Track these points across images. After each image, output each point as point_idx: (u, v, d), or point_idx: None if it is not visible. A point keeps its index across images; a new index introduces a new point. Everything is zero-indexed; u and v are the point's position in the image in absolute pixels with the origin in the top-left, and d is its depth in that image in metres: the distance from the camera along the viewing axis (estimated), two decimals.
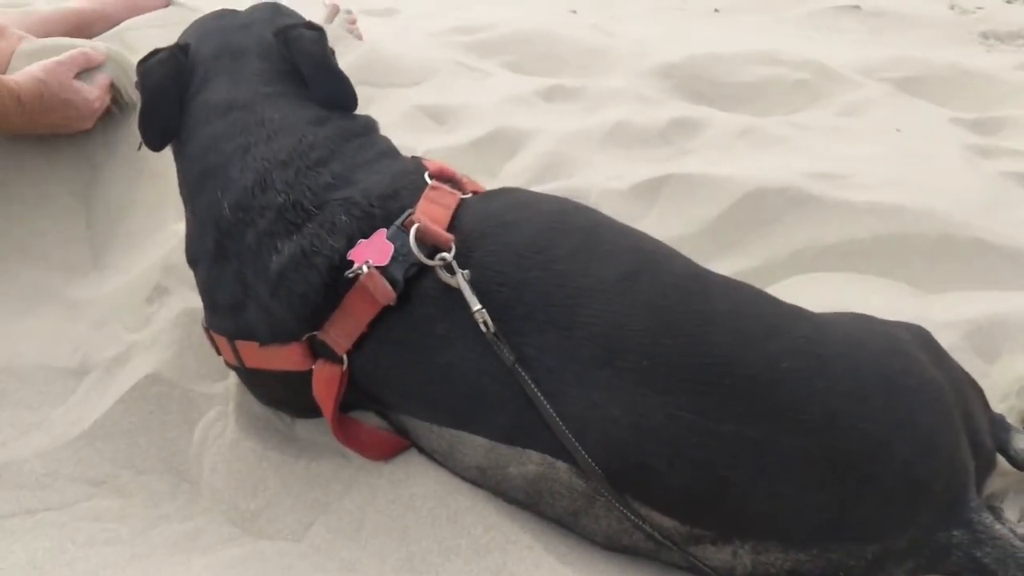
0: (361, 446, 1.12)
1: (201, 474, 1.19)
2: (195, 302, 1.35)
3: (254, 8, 1.36)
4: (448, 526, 1.03)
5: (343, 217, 1.05)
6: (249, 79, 1.20)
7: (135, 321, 1.41)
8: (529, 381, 0.94)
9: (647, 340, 0.94)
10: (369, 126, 1.23)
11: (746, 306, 1.01)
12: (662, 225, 1.68)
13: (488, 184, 1.89)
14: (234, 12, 1.34)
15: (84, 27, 2.36)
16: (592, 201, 1.73)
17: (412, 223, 1.03)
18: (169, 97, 1.22)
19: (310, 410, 1.13)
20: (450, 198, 1.10)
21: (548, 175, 1.88)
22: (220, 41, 1.26)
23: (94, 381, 1.32)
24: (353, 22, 2.57)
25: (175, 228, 1.54)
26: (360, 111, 2.18)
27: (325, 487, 1.13)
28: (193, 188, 1.17)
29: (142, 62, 1.23)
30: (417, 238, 1.02)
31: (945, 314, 1.44)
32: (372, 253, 1.02)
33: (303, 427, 1.21)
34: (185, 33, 1.33)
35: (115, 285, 1.50)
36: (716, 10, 4.10)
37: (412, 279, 1.02)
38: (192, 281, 1.34)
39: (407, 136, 2.04)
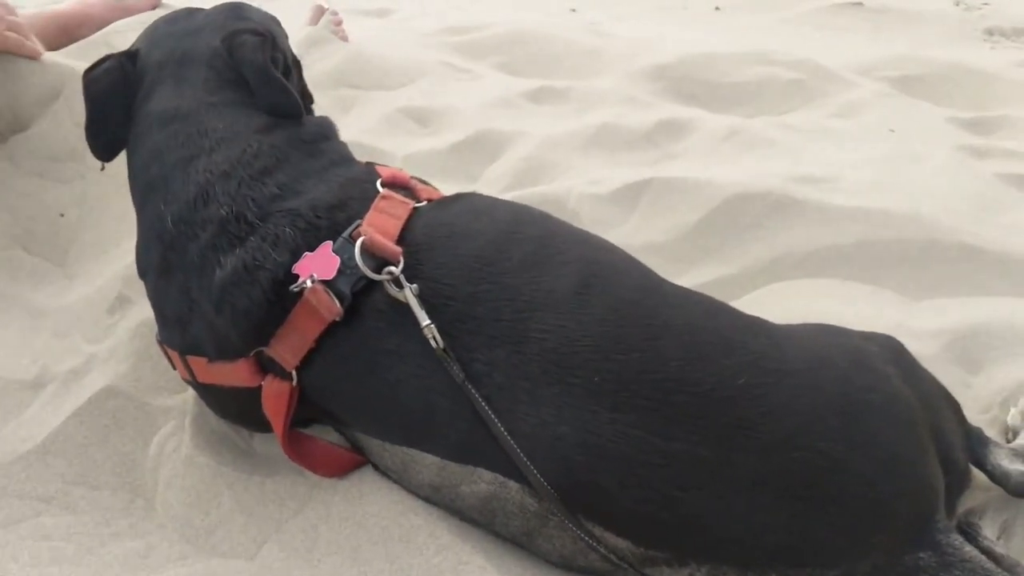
0: (313, 463, 1.09)
1: (156, 490, 1.16)
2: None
3: (212, 10, 1.31)
4: (401, 546, 1.01)
5: (287, 229, 1.02)
6: (194, 87, 1.17)
7: (95, 332, 1.38)
8: (479, 399, 0.91)
9: (597, 356, 0.91)
10: (323, 132, 1.19)
11: (701, 319, 0.98)
12: (641, 231, 1.65)
13: (467, 189, 1.88)
14: (190, 15, 1.30)
15: (70, 29, 2.35)
16: (570, 207, 1.70)
17: (359, 235, 1.00)
18: (115, 107, 1.19)
19: (267, 424, 1.11)
20: (401, 208, 1.07)
21: (528, 179, 1.85)
22: (168, 48, 1.22)
23: (50, 395, 1.29)
24: (339, 23, 2.55)
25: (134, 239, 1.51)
26: (343, 114, 2.17)
27: (280, 504, 1.10)
28: (140, 200, 1.14)
29: (88, 71, 1.20)
30: (363, 251, 0.99)
31: (928, 322, 1.40)
32: (317, 267, 0.99)
33: (261, 441, 1.19)
34: (139, 38, 1.29)
35: (79, 294, 1.48)
36: (717, 8, 4.06)
37: (360, 293, 0.99)
38: None
39: (388, 140, 2.02)
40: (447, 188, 1.82)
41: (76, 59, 2.08)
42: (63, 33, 2.33)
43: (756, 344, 0.95)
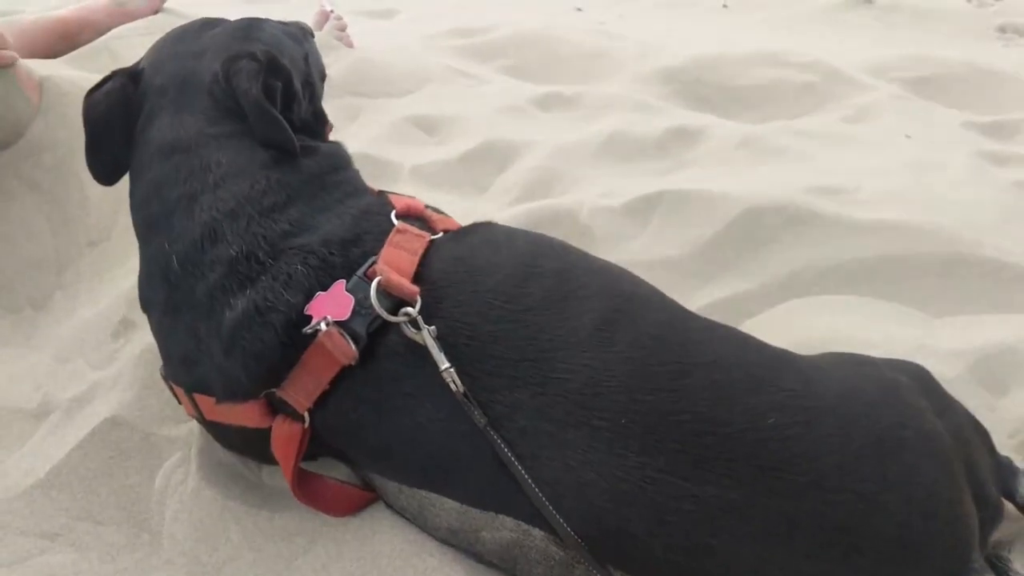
0: (325, 504, 1.06)
1: (162, 524, 1.13)
2: None
3: (224, 27, 1.24)
4: None
5: (299, 268, 0.98)
6: (195, 116, 1.11)
7: (99, 357, 1.35)
8: (501, 444, 0.88)
9: (623, 396, 0.88)
10: (335, 163, 1.14)
11: (728, 355, 0.94)
12: (656, 246, 1.61)
13: (477, 201, 1.85)
14: (201, 31, 1.23)
15: (70, 36, 2.32)
16: (583, 220, 1.66)
17: (375, 274, 0.97)
18: (115, 131, 1.14)
19: (276, 459, 1.08)
20: (417, 242, 1.03)
21: (539, 191, 1.81)
22: (172, 70, 1.16)
23: (53, 425, 1.26)
24: (343, 28, 2.51)
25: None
26: (349, 122, 2.14)
27: (289, 541, 1.07)
28: (142, 234, 1.10)
29: (90, 92, 1.16)
30: (379, 291, 0.95)
31: (951, 341, 1.37)
32: (331, 307, 0.96)
33: (270, 474, 1.16)
34: (147, 54, 1.23)
35: (82, 317, 1.45)
36: (725, 5, 4.02)
37: (377, 333, 0.96)
38: None
39: (396, 149, 1.99)
40: (457, 199, 1.81)
41: (76, 66, 2.05)
42: (64, 39, 2.30)
43: (785, 381, 0.91)
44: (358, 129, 2.09)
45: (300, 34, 1.33)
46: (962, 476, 0.92)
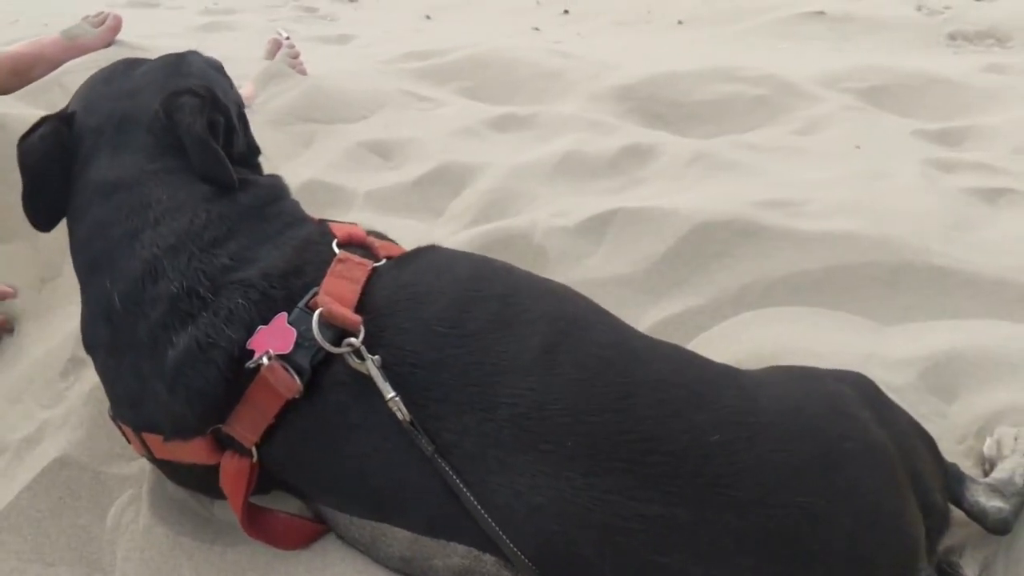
0: (276, 537, 1.05)
1: (114, 563, 1.12)
2: None
3: (151, 65, 1.24)
4: None
5: (240, 302, 0.98)
6: (134, 155, 1.11)
7: (49, 396, 1.34)
8: (450, 471, 0.88)
9: (569, 419, 0.88)
10: (273, 194, 1.14)
11: (672, 373, 0.95)
12: (609, 264, 1.62)
13: (432, 224, 1.85)
14: (128, 70, 1.23)
15: (21, 71, 2.30)
16: (536, 241, 1.67)
17: (316, 305, 0.97)
18: (52, 176, 1.13)
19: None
20: (359, 270, 1.03)
21: (493, 213, 1.82)
22: (106, 111, 1.16)
23: (3, 467, 1.25)
24: (296, 56, 2.51)
25: None
26: (303, 149, 2.14)
27: (241, 575, 1.06)
28: (84, 275, 1.09)
29: (23, 138, 1.14)
30: (321, 323, 0.95)
31: (901, 350, 1.38)
32: (273, 341, 0.95)
33: (221, 508, 1.14)
34: (74, 97, 1.23)
35: (32, 356, 1.44)
36: (680, 22, 4.06)
37: (321, 364, 0.95)
38: None
39: (350, 175, 1.99)
40: (412, 224, 1.81)
41: (28, 101, 2.04)
42: (15, 75, 2.28)
43: (728, 398, 0.92)
44: (312, 156, 2.09)
45: (220, 67, 1.34)
46: (907, 486, 0.93)
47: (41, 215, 1.15)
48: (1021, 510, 1.08)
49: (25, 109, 1.93)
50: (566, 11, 4.25)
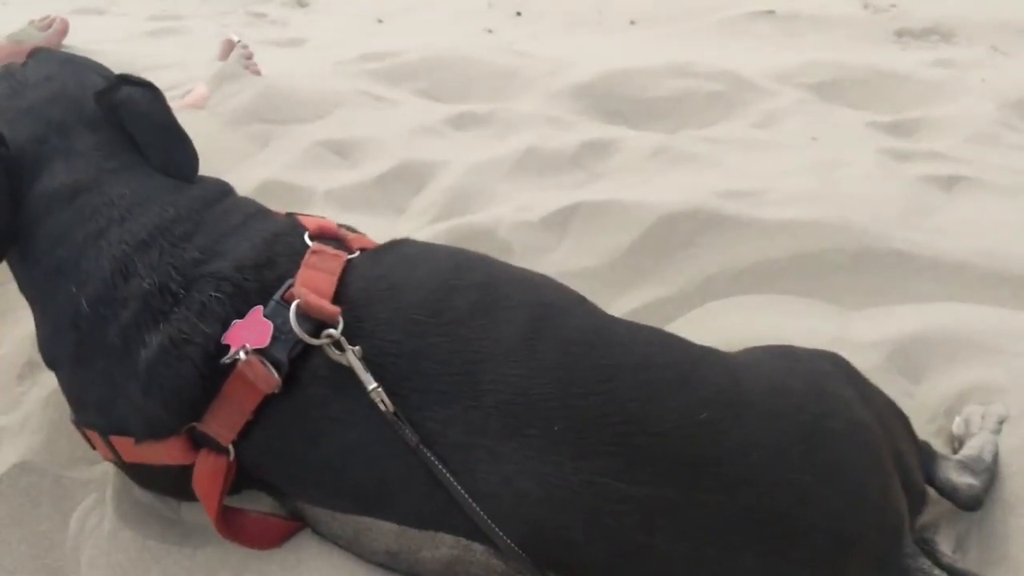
0: (249, 538, 1.02)
1: (79, 570, 1.08)
2: None
3: (46, 69, 1.17)
4: None
5: (213, 295, 0.95)
6: (87, 156, 1.07)
7: (5, 402, 1.29)
8: (435, 461, 0.86)
9: (554, 403, 0.87)
10: (223, 188, 1.12)
11: (654, 355, 0.94)
12: (574, 257, 1.62)
13: (394, 221, 1.83)
14: (22, 82, 1.16)
15: None
16: (501, 235, 1.66)
17: (292, 297, 0.95)
18: (3, 202, 1.05)
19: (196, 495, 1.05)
20: (334, 261, 1.01)
21: (456, 209, 1.81)
22: (36, 121, 1.10)
23: None
24: (249, 57, 2.48)
25: None
26: (259, 150, 2.11)
27: None
28: (42, 288, 1.04)
29: None
30: (299, 315, 0.93)
31: (868, 333, 1.39)
32: (249, 335, 0.93)
33: (188, 510, 1.12)
34: None
35: None
36: (632, 22, 4.08)
37: (299, 358, 0.93)
38: None
39: (309, 174, 1.97)
40: (374, 222, 1.79)
41: None
42: None
43: (713, 377, 0.92)
44: (269, 155, 2.06)
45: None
46: (891, 464, 0.94)
47: None
48: (991, 486, 1.09)
49: None
50: (518, 13, 4.26)
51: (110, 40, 3.33)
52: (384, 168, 1.95)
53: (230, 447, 0.96)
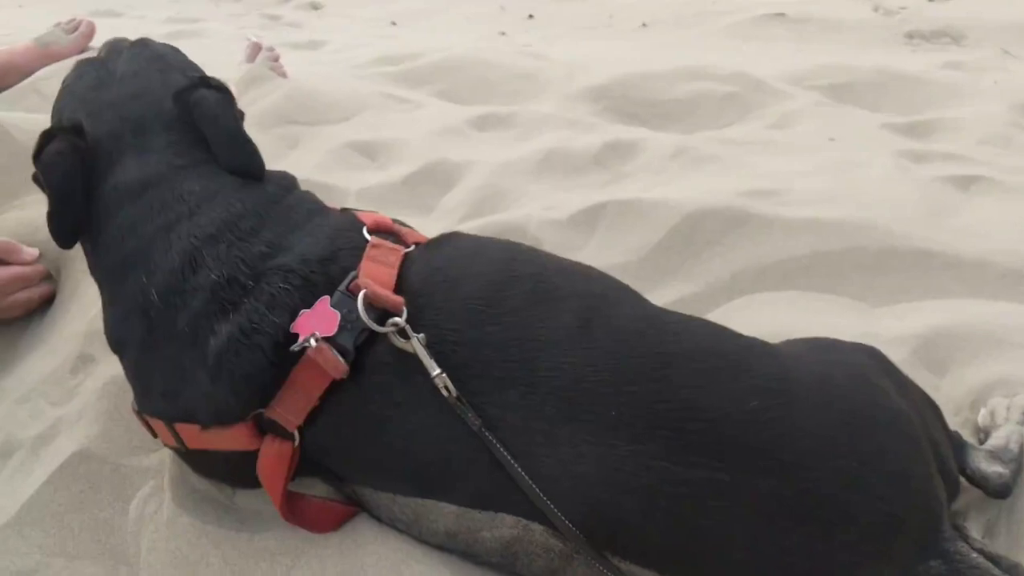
0: (310, 522, 1.06)
1: (139, 555, 1.12)
2: (122, 371, 1.29)
3: (135, 65, 1.23)
4: None
5: (281, 287, 1.00)
6: (159, 154, 1.12)
7: (59, 394, 1.33)
8: (497, 444, 0.90)
9: (610, 389, 0.91)
10: (289, 184, 1.16)
11: (706, 345, 0.98)
12: (602, 255, 1.65)
13: (424, 220, 1.87)
14: (111, 74, 1.22)
15: None
16: (531, 233, 1.70)
17: (359, 288, 0.98)
18: (76, 191, 1.11)
19: (256, 482, 1.08)
20: (393, 255, 1.05)
21: (485, 208, 1.84)
22: (116, 116, 1.15)
23: (18, 463, 1.24)
24: (276, 59, 2.52)
25: (95, 291, 1.47)
26: (289, 150, 2.15)
27: (271, 561, 1.07)
28: (113, 276, 1.09)
29: (37, 155, 1.12)
30: (366, 304, 0.97)
31: (892, 329, 1.43)
32: (318, 324, 0.97)
33: (244, 497, 1.15)
34: (65, 107, 1.21)
35: (38, 356, 1.43)
36: (644, 24, 4.11)
37: (363, 346, 0.97)
38: None
39: (338, 175, 2.00)
40: (406, 220, 1.82)
41: (6, 107, 2.03)
42: None
43: (762, 366, 0.95)
44: (299, 156, 2.10)
45: (178, 51, 1.34)
46: (929, 452, 0.97)
47: (67, 231, 1.13)
48: (1018, 475, 1.13)
49: (7, 113, 1.91)
50: (531, 16, 4.30)
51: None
52: (411, 169, 1.99)
53: (295, 433, 0.99)
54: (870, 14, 4.00)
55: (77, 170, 1.11)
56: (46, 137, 1.13)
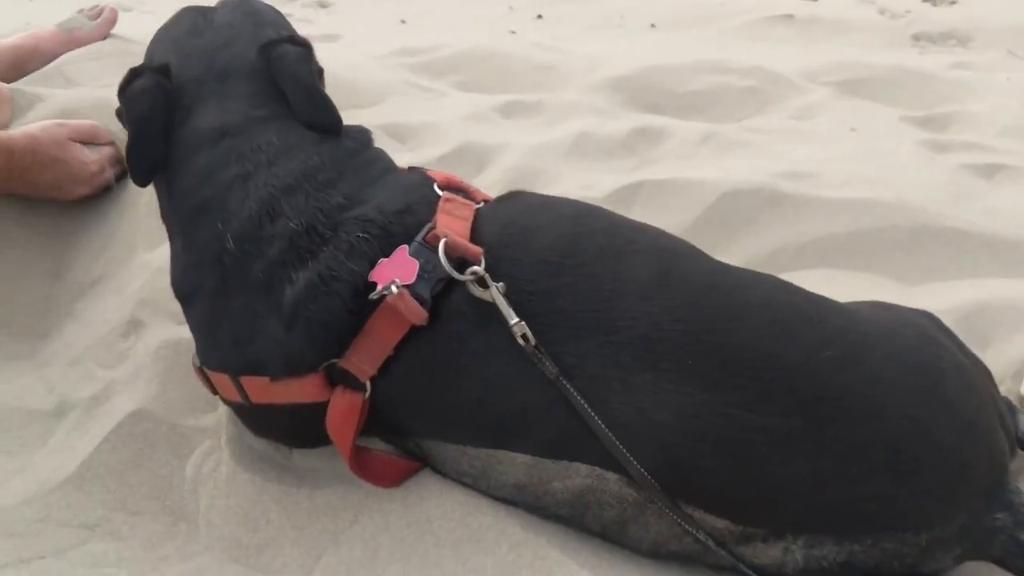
0: (376, 476, 1.07)
1: (198, 511, 1.13)
2: (175, 334, 1.30)
3: (230, 15, 1.25)
4: (471, 546, 1.00)
5: (360, 236, 1.01)
6: (238, 103, 1.13)
7: (110, 357, 1.34)
8: (575, 393, 0.91)
9: (687, 339, 0.92)
10: (364, 140, 1.18)
11: (777, 297, 1.00)
12: None
13: None
14: (208, 21, 1.24)
15: (20, 64, 2.29)
16: None
17: (437, 237, 1.00)
18: (156, 127, 1.13)
19: (315, 440, 1.09)
20: (466, 209, 1.06)
21: (521, 187, 1.83)
22: (204, 63, 1.17)
23: (74, 422, 1.25)
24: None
25: (144, 259, 1.48)
26: None
27: (333, 516, 1.08)
28: (186, 223, 1.10)
29: (123, 89, 1.15)
30: (446, 252, 0.98)
31: (930, 304, 1.43)
32: (397, 272, 0.98)
33: (301, 457, 1.17)
34: (157, 49, 1.24)
35: (88, 321, 1.44)
36: (653, 25, 4.13)
37: (440, 295, 0.99)
38: (170, 312, 1.29)
39: None
40: None
41: (36, 86, 2.03)
42: (13, 67, 2.27)
43: (833, 319, 0.97)
44: None
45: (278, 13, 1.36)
46: (993, 406, 0.99)
47: (143, 168, 1.15)
48: None
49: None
50: (539, 16, 4.31)
51: (146, 34, 3.35)
52: (444, 150, 1.99)
53: (368, 383, 1.00)
54: (876, 16, 4.03)
55: (160, 108, 1.13)
56: (133, 74, 1.15)
